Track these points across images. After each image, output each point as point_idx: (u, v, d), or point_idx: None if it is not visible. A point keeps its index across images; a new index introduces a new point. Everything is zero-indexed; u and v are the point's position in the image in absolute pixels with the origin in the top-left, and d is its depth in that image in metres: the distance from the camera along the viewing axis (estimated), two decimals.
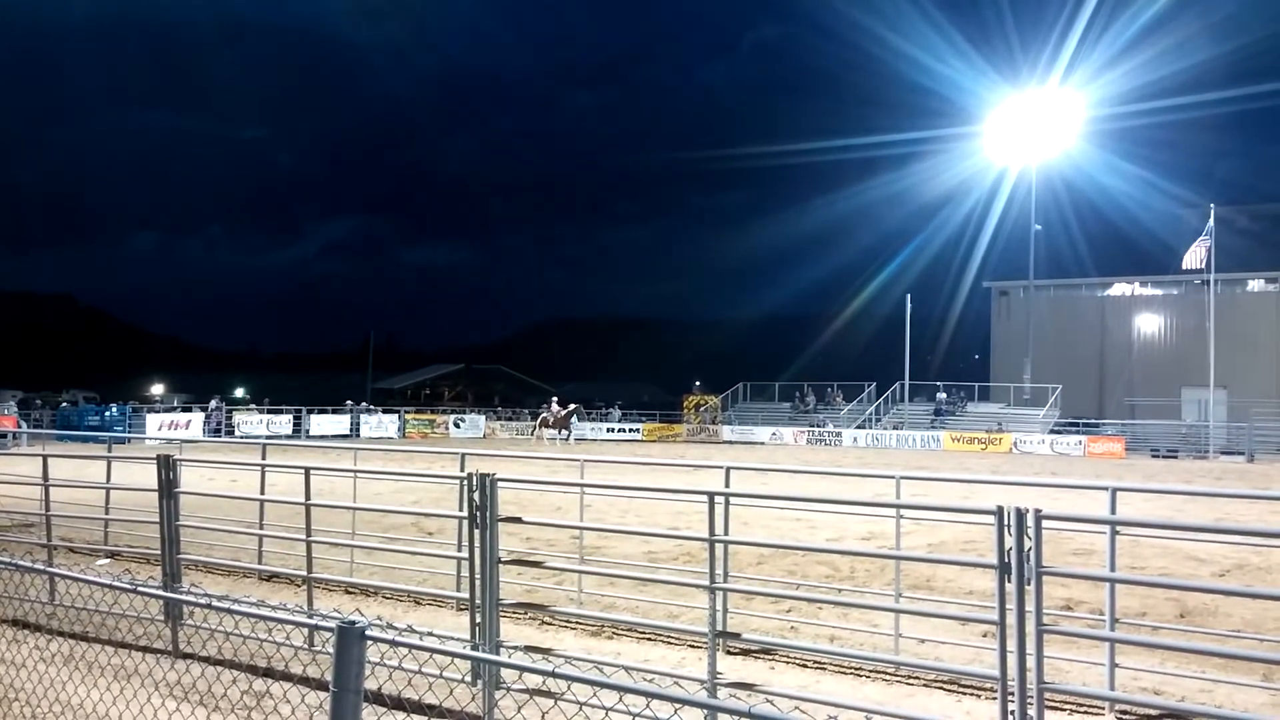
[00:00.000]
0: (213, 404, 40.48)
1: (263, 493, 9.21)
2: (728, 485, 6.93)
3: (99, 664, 6.00)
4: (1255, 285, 52.08)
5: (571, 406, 41.91)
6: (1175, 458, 39.96)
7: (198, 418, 38.28)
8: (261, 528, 9.09)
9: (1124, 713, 5.83)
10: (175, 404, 46.99)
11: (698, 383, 54.93)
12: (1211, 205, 42.58)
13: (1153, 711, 5.83)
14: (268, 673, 5.99)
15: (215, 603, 3.37)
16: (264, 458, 10.16)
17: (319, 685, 5.47)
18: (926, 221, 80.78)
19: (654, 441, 47.25)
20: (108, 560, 10.31)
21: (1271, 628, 7.68)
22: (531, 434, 42.74)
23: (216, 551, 10.06)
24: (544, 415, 41.58)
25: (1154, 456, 40.43)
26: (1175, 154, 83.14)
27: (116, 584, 3.82)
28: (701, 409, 51.22)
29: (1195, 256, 41.99)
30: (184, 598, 3.91)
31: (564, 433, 40.33)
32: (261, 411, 41.66)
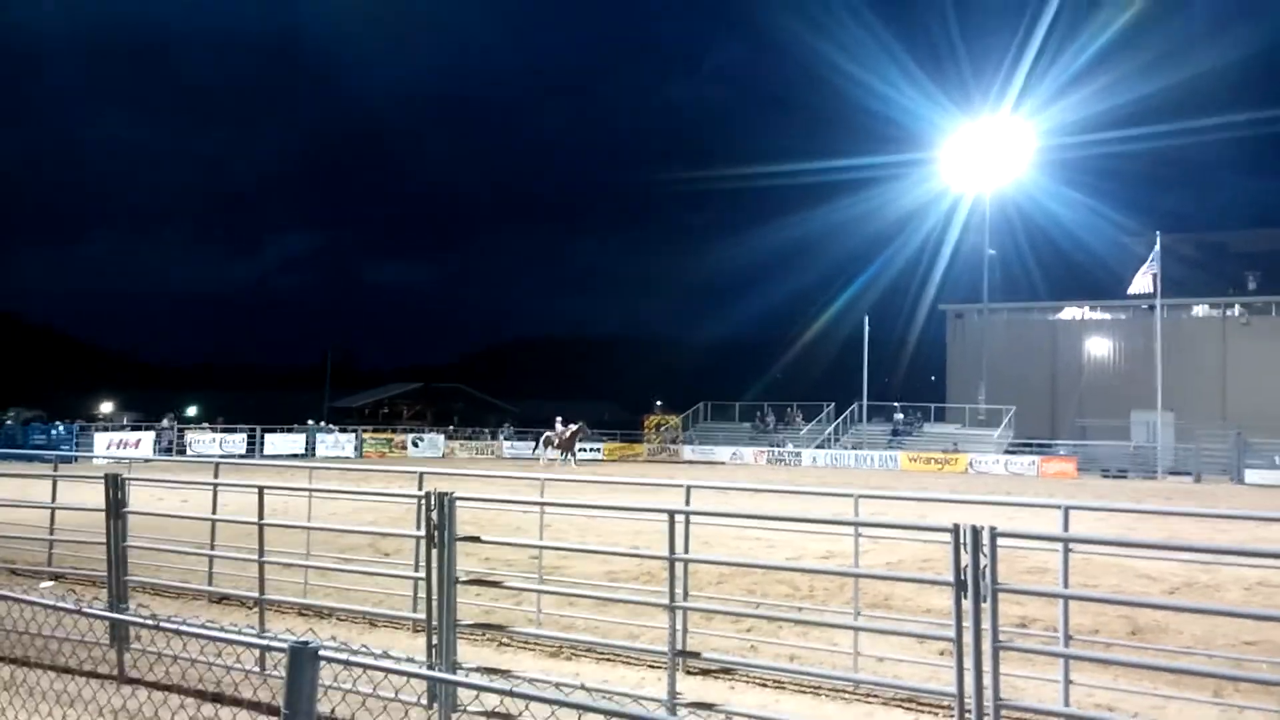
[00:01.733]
0: (164, 422, 39.69)
1: (214, 512, 9.03)
2: (688, 504, 6.92)
3: (40, 689, 5.81)
4: (1200, 310, 53.48)
5: (575, 426, 39.85)
6: (1125, 478, 40.73)
7: (148, 436, 37.49)
8: (213, 548, 8.90)
9: None
10: (125, 422, 45.99)
11: (659, 402, 55.00)
12: (1158, 233, 43.70)
13: None
14: (217, 697, 5.84)
15: (163, 624, 3.29)
16: (216, 476, 9.96)
17: (270, 710, 5.35)
18: (884, 245, 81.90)
19: (615, 461, 47.12)
20: (51, 583, 10.02)
21: (1221, 644, 7.82)
22: (534, 454, 40.85)
23: (165, 573, 9.82)
24: (547, 435, 39.65)
25: (1105, 476, 41.17)
26: (1121, 184, 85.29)
27: (60, 605, 3.71)
28: (662, 428, 51.26)
29: (1143, 282, 42.99)
30: (130, 619, 3.81)
31: (566, 454, 38.46)
32: (215, 430, 40.93)
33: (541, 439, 39.97)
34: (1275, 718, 6.12)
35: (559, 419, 40.73)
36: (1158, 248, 42.76)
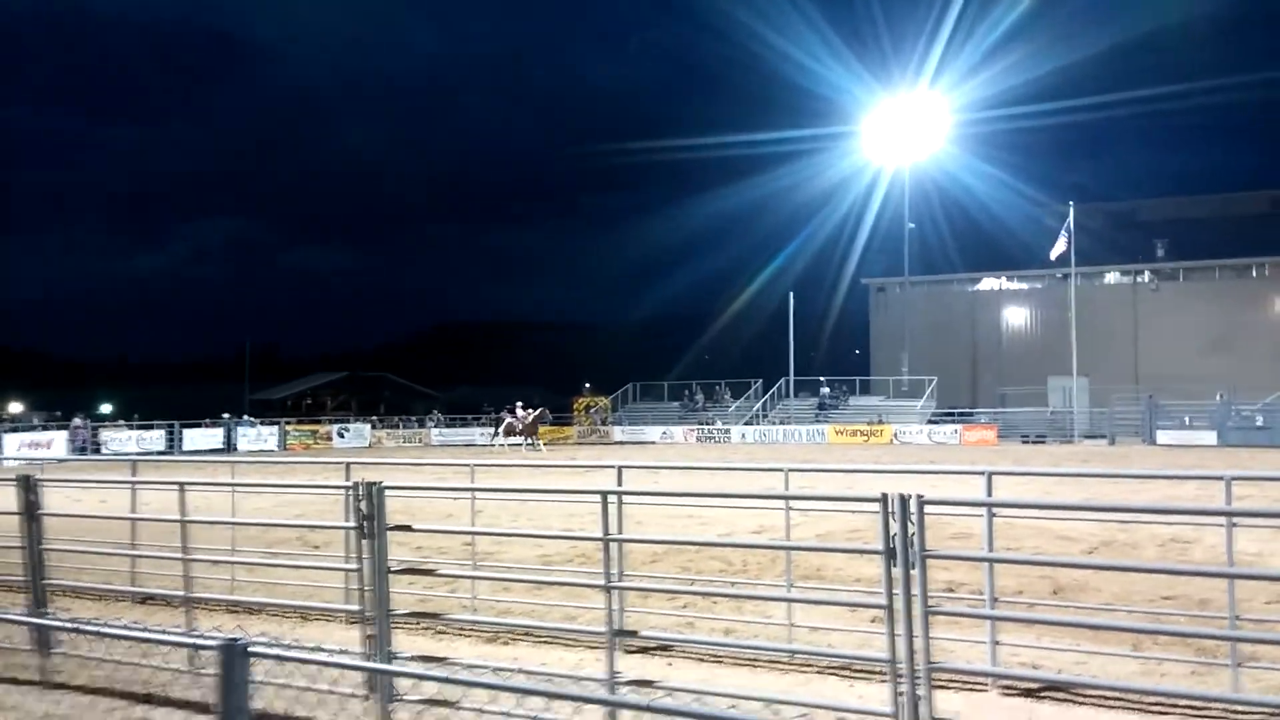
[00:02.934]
0: (76, 421, 38.29)
1: (134, 511, 8.75)
2: (620, 484, 6.93)
3: None
4: (1111, 278, 55.38)
5: (536, 411, 38.79)
6: (1043, 443, 42.12)
7: (60, 436, 36.13)
8: (135, 548, 8.62)
9: (1007, 687, 6.08)
10: (35, 422, 44.23)
11: (587, 384, 54.94)
12: (1071, 203, 45.04)
13: (1033, 685, 6.10)
14: (147, 699, 5.67)
15: (85, 627, 3.17)
16: (135, 475, 9.64)
17: (202, 708, 5.22)
18: (807, 220, 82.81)
19: (545, 444, 46.96)
20: None
21: (1138, 600, 8.15)
22: (492, 441, 39.78)
23: (86, 575, 9.47)
24: (508, 421, 38.39)
25: (1024, 442, 42.51)
26: (1033, 157, 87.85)
27: None
28: (592, 410, 51.23)
29: (1058, 248, 44.30)
30: (51, 623, 3.66)
31: (530, 439, 37.42)
32: (131, 427, 39.61)
33: (502, 425, 38.92)
34: (1191, 668, 6.40)
35: (519, 404, 39.67)
36: (1071, 217, 44.09)
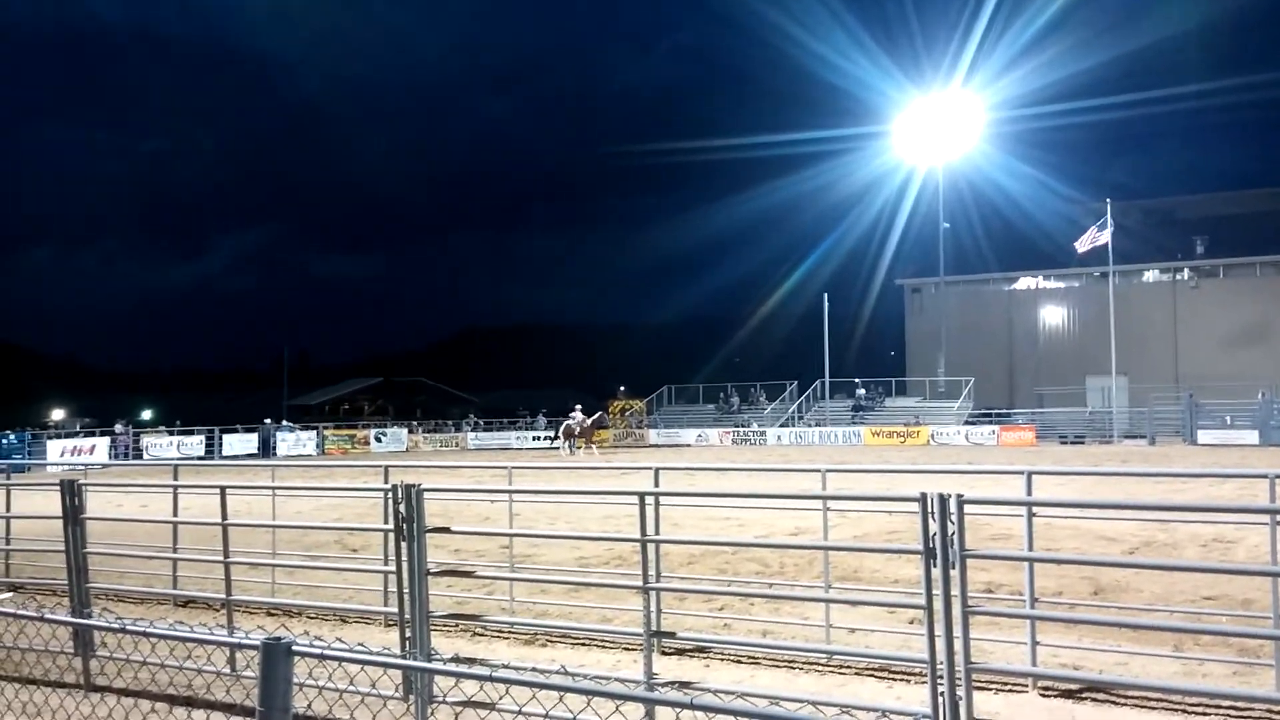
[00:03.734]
0: (118, 427, 38.97)
1: (175, 515, 8.89)
2: (657, 485, 6.93)
3: (4, 702, 5.70)
4: (1150, 276, 54.52)
5: (597, 414, 38.70)
6: (1082, 443, 41.51)
7: (103, 442, 36.77)
8: (176, 551, 8.76)
9: (1046, 688, 6.01)
10: (78, 429, 45.07)
11: (622, 387, 54.89)
12: (1108, 200, 44.41)
13: (1073, 685, 6.02)
14: (188, 701, 5.77)
15: (129, 627, 3.23)
16: (176, 479, 9.80)
17: (243, 710, 5.30)
18: (840, 220, 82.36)
19: (580, 447, 47.11)
20: (10, 594, 9.82)
21: (1179, 600, 8.02)
22: (553, 444, 39.57)
23: (128, 579, 9.66)
24: (567, 424, 38.42)
25: (1062, 443, 41.92)
26: (1068, 155, 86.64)
27: (20, 613, 3.63)
28: (627, 413, 51.26)
29: (1094, 242, 43.63)
30: (94, 623, 3.74)
31: (589, 444, 37.57)
32: (172, 433, 40.24)
33: (561, 429, 38.92)
34: (1233, 668, 6.29)
35: (578, 408, 39.91)
36: (1108, 214, 43.45)
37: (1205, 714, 5.52)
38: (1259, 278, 51.93)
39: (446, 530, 6.67)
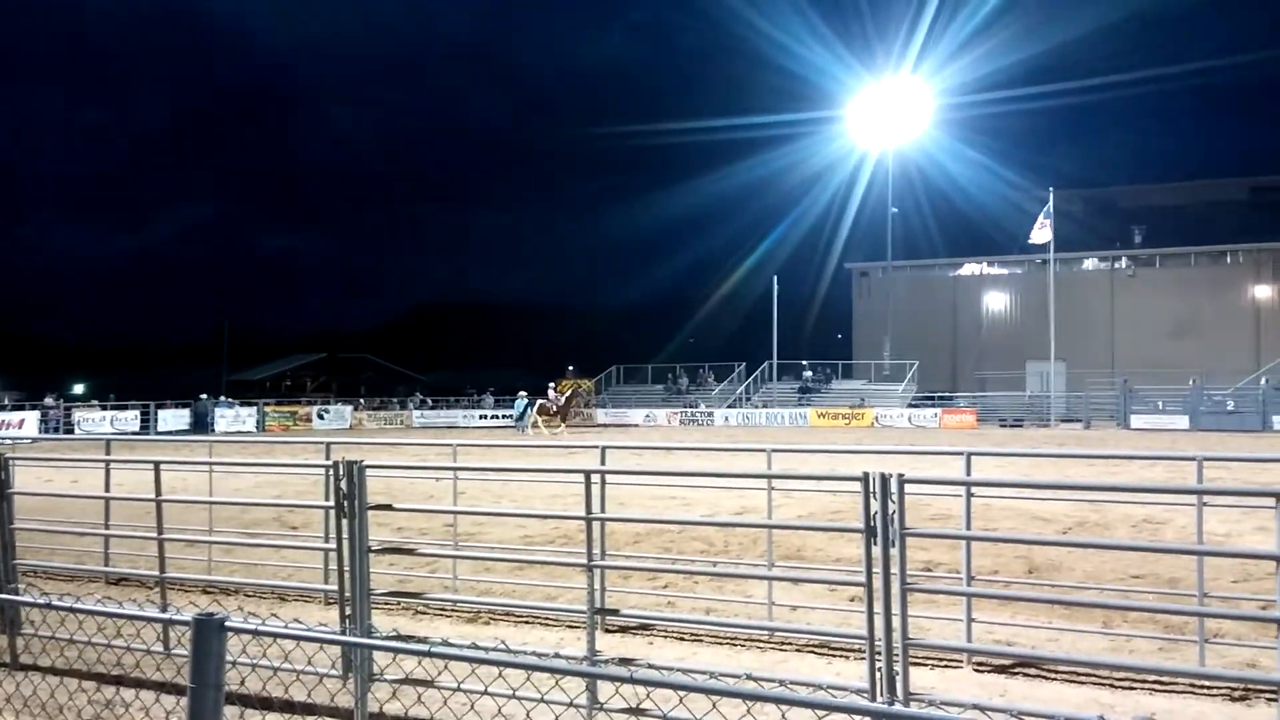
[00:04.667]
0: (48, 400, 37.89)
1: (108, 491, 8.66)
2: (603, 464, 6.92)
3: None
4: (1090, 264, 55.80)
5: (569, 392, 38.10)
6: (1021, 426, 42.48)
7: (32, 416, 35.73)
8: (107, 528, 8.54)
9: (980, 663, 6.14)
10: (6, 402, 43.74)
11: (571, 367, 54.78)
12: (1051, 189, 45.28)
13: (1006, 661, 6.16)
14: (118, 680, 5.63)
15: (55, 603, 3.14)
16: (108, 454, 9.55)
17: (175, 689, 5.19)
18: (793, 205, 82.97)
19: (554, 427, 46.98)
20: None
21: (1109, 579, 8.25)
22: (528, 425, 38.11)
23: (58, 556, 9.40)
24: (541, 402, 37.44)
25: (1002, 426, 42.85)
26: (1013, 142, 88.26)
27: None
28: (576, 393, 51.20)
29: (1041, 234, 44.52)
30: (19, 599, 3.62)
31: (562, 423, 36.79)
32: (104, 408, 39.24)
33: (534, 406, 38.01)
34: (1159, 644, 6.49)
35: (552, 386, 39.34)
36: (1051, 203, 44.33)
37: (1131, 688, 5.69)
38: (1193, 268, 53.46)
39: (389, 508, 6.58)
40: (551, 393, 38.57)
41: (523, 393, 39.82)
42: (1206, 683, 5.66)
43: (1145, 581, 8.10)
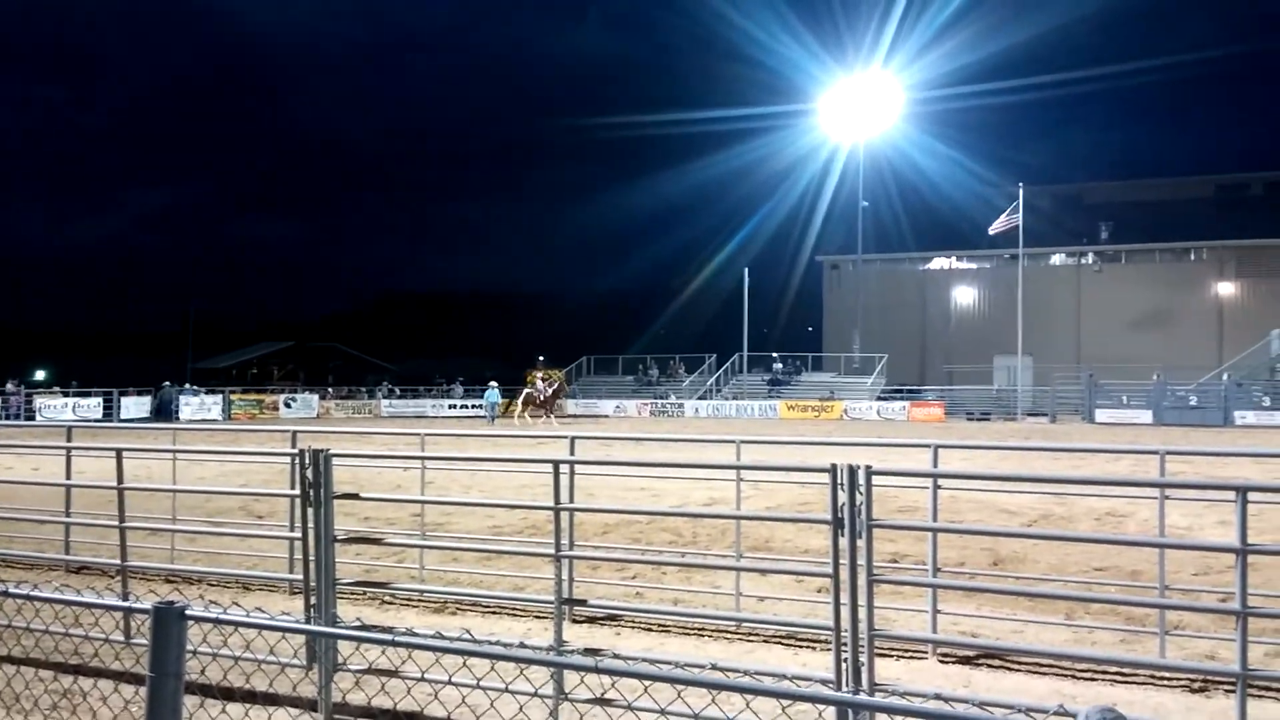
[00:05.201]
0: (10, 386, 37.24)
1: (69, 478, 8.52)
2: (573, 454, 6.90)
3: None
4: (1057, 259, 56.43)
5: (556, 385, 37.89)
6: (988, 420, 42.93)
7: None
8: (68, 515, 8.41)
9: (945, 654, 6.20)
10: None
11: (541, 358, 54.67)
12: (1020, 184, 45.70)
13: (970, 652, 6.23)
14: (78, 669, 5.55)
15: (11, 590, 3.07)
16: (70, 440, 9.39)
17: (135, 679, 5.12)
18: (765, 197, 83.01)
19: (498, 416, 46.82)
20: None
21: (1072, 571, 8.35)
22: (515, 415, 37.64)
23: (17, 544, 9.25)
24: (528, 392, 37.20)
25: (969, 419, 43.29)
26: (982, 137, 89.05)
27: None
28: (545, 383, 51.04)
29: (1006, 225, 44.96)
30: None
31: (550, 414, 36.62)
32: (67, 394, 38.64)
33: (521, 397, 37.75)
34: (1120, 636, 6.59)
35: (539, 375, 38.98)
36: (1020, 198, 44.76)
37: (1093, 679, 5.77)
38: (1158, 264, 54.22)
39: (356, 497, 6.53)
40: (539, 383, 38.17)
41: (493, 382, 39.58)
42: (1167, 674, 5.75)
43: (1108, 574, 8.21)
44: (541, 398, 37.28)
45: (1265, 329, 45.13)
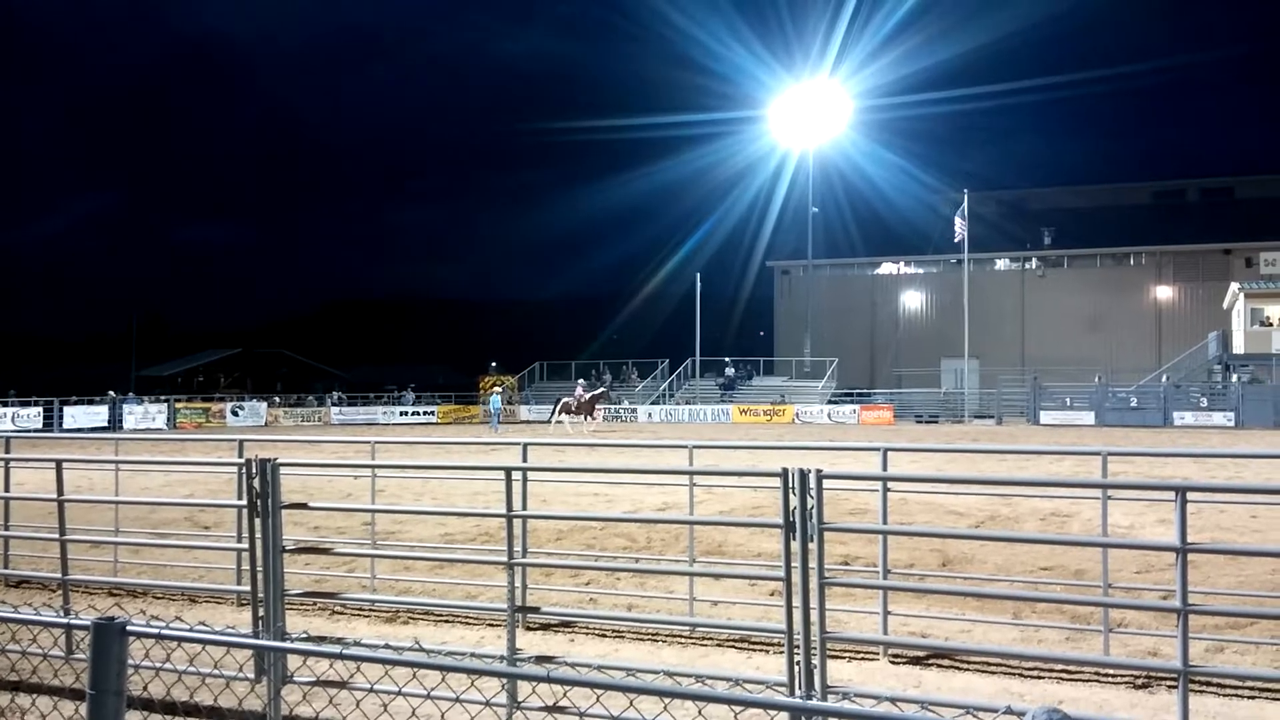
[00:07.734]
0: None
1: (7, 490, 8.27)
2: (525, 461, 6.87)
3: None
4: (1002, 264, 57.50)
5: (600, 389, 38.06)
6: (936, 422, 43.59)
7: None
8: (6, 528, 8.17)
9: (896, 655, 6.28)
10: None
11: (494, 363, 54.29)
12: (965, 191, 46.51)
13: (921, 652, 6.31)
14: (16, 685, 5.39)
15: None
16: (8, 451, 9.13)
17: (76, 694, 4.98)
18: (717, 203, 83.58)
19: (449, 424, 46.45)
20: None
21: (1019, 571, 8.51)
22: (549, 420, 37.46)
23: None
24: (565, 400, 36.82)
25: (918, 422, 43.92)
26: (930, 145, 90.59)
27: None
28: (499, 389, 50.78)
29: (958, 231, 45.74)
30: None
31: (590, 420, 36.37)
32: (6, 404, 37.55)
33: (559, 404, 37.25)
34: (1066, 634, 6.72)
35: (580, 382, 39.28)
36: (965, 205, 45.54)
37: (1040, 677, 5.88)
38: (1099, 269, 55.51)
39: (304, 506, 6.43)
40: (579, 390, 38.06)
41: (496, 389, 39.33)
42: (1111, 671, 5.88)
43: (1053, 573, 8.37)
44: (578, 404, 36.87)
45: (1202, 332, 46.47)
